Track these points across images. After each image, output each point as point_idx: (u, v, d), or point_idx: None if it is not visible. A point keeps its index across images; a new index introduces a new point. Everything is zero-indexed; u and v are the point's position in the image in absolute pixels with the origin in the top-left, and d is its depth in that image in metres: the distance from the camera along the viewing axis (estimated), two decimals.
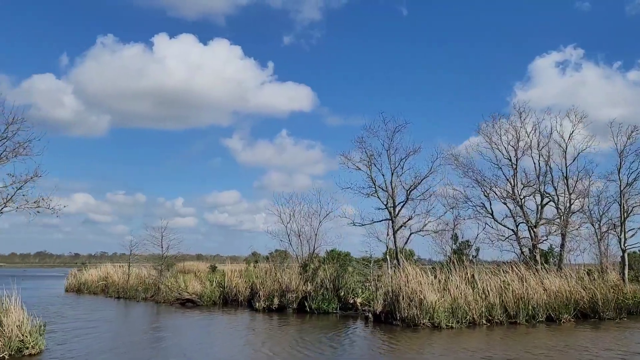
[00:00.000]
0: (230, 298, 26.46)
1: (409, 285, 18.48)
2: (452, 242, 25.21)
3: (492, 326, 17.94)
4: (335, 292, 22.80)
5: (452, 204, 23.55)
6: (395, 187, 21.76)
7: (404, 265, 19.78)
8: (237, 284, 26.59)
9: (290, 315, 21.96)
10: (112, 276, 35.98)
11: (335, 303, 22.40)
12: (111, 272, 36.59)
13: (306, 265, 24.27)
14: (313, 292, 22.86)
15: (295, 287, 23.43)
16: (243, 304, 25.12)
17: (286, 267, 25.54)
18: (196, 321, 20.57)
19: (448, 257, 22.48)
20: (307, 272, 23.98)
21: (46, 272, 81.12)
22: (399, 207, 21.83)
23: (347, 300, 22.63)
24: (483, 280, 19.13)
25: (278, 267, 25.54)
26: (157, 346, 14.47)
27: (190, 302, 25.99)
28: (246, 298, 25.47)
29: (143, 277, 32.29)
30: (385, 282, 20.11)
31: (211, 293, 26.42)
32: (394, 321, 18.28)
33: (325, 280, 23.27)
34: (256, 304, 23.42)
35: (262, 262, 30.79)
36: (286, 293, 23.20)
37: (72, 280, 37.49)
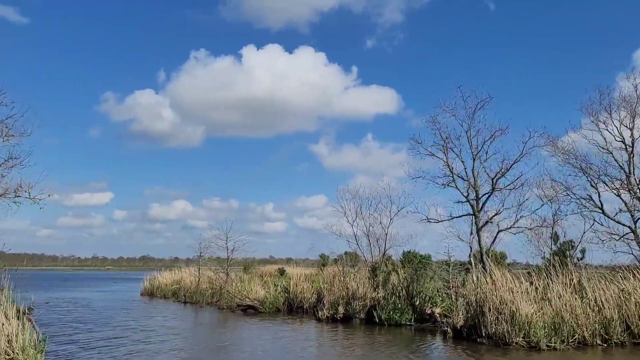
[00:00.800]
0: (295, 305, 24.13)
1: (496, 293, 14.95)
2: (552, 241, 21.02)
3: (610, 348, 13.92)
4: (410, 301, 19.61)
5: (550, 196, 19.44)
6: (478, 176, 18.17)
7: (490, 269, 16.23)
8: (302, 289, 24.21)
9: (357, 327, 19.11)
10: (185, 280, 35.22)
11: (409, 313, 19.22)
12: (184, 276, 35.84)
13: (375, 269, 21.30)
14: (383, 301, 19.85)
15: (363, 294, 20.55)
16: (309, 312, 22.64)
17: (356, 272, 22.75)
18: (255, 332, 18.37)
19: (547, 260, 18.46)
20: (376, 277, 21.01)
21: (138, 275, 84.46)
22: (484, 199, 18.20)
23: (424, 311, 19.35)
24: (595, 289, 15.08)
25: (347, 272, 22.83)
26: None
27: (252, 309, 23.97)
28: (312, 305, 22.98)
29: (213, 281, 30.99)
30: (468, 289, 16.66)
31: (274, 299, 24.23)
32: (479, 338, 14.84)
33: (397, 286, 20.17)
34: (319, 313, 20.82)
35: (330, 266, 28.18)
36: (353, 301, 20.38)
37: (147, 284, 37.23)
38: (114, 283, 59.45)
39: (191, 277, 34.54)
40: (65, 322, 19.11)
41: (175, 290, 34.15)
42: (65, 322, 19.11)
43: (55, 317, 21.09)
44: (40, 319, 20.44)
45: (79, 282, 62.20)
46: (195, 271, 34.03)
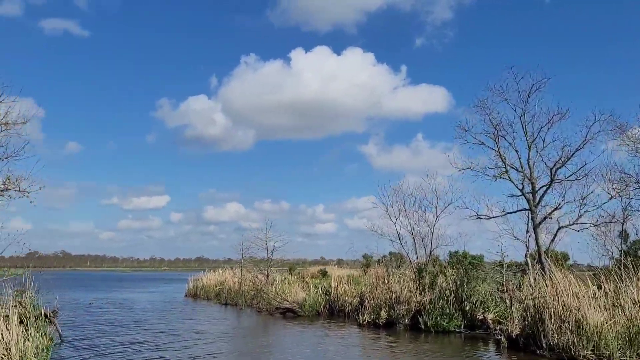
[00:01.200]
0: (336, 308, 22.80)
1: (558, 299, 13.05)
2: (621, 240, 18.71)
3: None
4: (459, 306, 17.85)
5: (619, 189, 17.19)
6: (534, 166, 16.17)
7: (550, 271, 14.30)
8: (344, 292, 22.85)
9: (401, 334, 17.55)
10: (228, 281, 34.67)
11: (459, 319, 17.45)
12: (228, 277, 35.29)
13: (421, 270, 19.64)
14: (429, 305, 18.17)
15: (407, 298, 18.95)
16: (350, 316, 21.23)
17: (401, 273, 21.18)
18: (287, 338, 17.21)
19: (616, 261, 16.24)
20: (422, 280, 19.36)
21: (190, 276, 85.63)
22: (541, 192, 16.19)
23: (474, 316, 17.54)
24: None
25: (392, 273, 21.30)
26: None
27: (291, 312, 22.83)
28: (354, 309, 21.58)
29: (253, 283, 30.16)
30: (525, 293, 14.79)
31: (314, 302, 22.98)
32: (538, 349, 13.01)
33: (445, 289, 18.44)
34: (359, 317, 19.38)
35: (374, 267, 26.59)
36: (396, 305, 18.82)
37: (191, 285, 36.93)
38: (164, 284, 60.19)
39: (234, 278, 33.95)
40: (95, 324, 18.64)
41: (218, 291, 33.62)
42: (95, 324, 18.64)
43: (89, 318, 20.77)
44: (74, 320, 20.19)
45: (132, 282, 63.51)
46: (238, 272, 33.42)
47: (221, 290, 32.67)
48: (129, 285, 54.22)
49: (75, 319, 20.21)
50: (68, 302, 29.13)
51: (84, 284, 56.58)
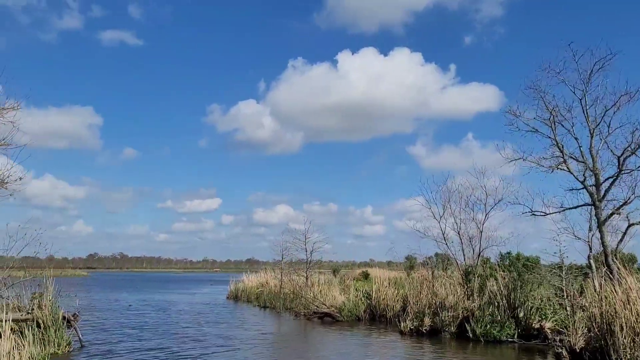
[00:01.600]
0: (377, 313, 21.35)
1: (631, 307, 11.15)
2: None
3: None
4: (512, 312, 16.01)
5: None
6: (598, 155, 14.14)
7: (618, 275, 12.36)
8: (385, 295, 21.36)
9: (447, 343, 15.91)
10: (270, 283, 33.88)
11: (512, 328, 15.62)
12: (269, 279, 34.49)
13: (469, 273, 17.90)
14: (478, 311, 16.43)
15: (453, 303, 17.27)
16: (392, 322, 19.72)
17: (447, 276, 19.52)
18: (318, 346, 15.98)
19: None
20: (470, 283, 17.61)
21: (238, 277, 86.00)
22: (607, 184, 14.15)
23: (530, 325, 15.65)
24: None
25: (437, 276, 19.68)
26: None
27: (329, 317, 21.55)
28: (396, 314, 20.06)
29: (292, 285, 29.14)
30: (589, 301, 12.89)
31: (354, 306, 21.61)
32: None
33: (496, 294, 16.64)
34: (401, 324, 17.84)
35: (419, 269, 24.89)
36: (441, 311, 17.18)
37: (233, 287, 36.33)
38: (210, 285, 60.36)
39: (275, 280, 33.08)
40: (123, 328, 18.04)
41: (258, 294, 32.85)
42: (123, 328, 18.04)
43: (121, 321, 20.28)
44: (104, 323, 19.72)
45: (180, 284, 64.16)
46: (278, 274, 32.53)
47: (261, 293, 31.86)
48: (176, 287, 54.62)
49: (106, 322, 19.77)
50: (108, 304, 29.10)
51: (135, 285, 57.55)
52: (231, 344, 14.57)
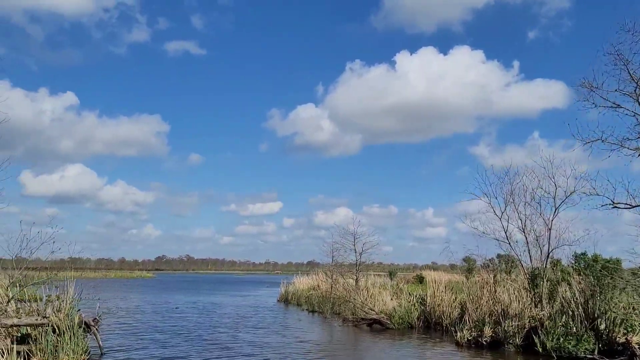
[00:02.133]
0: (432, 321, 19.31)
1: None
2: None
3: None
4: (590, 324, 13.57)
5: None
6: None
7: None
8: (441, 301, 19.28)
9: (511, 357, 13.75)
10: (321, 286, 32.45)
11: (591, 342, 13.19)
12: (321, 282, 33.05)
13: (536, 277, 15.51)
14: (549, 322, 14.08)
15: (519, 311, 15.00)
16: (449, 331, 17.64)
17: (512, 280, 17.20)
18: (371, 358, 14.24)
19: None
20: (537, 288, 15.25)
21: None
22: None
23: (612, 338, 13.15)
24: None
25: (499, 280, 17.42)
26: None
27: (378, 324, 19.71)
28: (453, 322, 17.96)
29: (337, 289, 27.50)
30: None
31: (406, 313, 19.67)
32: None
33: (570, 302, 14.23)
34: (457, 334, 15.74)
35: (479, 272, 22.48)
36: (504, 320, 14.95)
37: (283, 289, 35.13)
38: (266, 287, 59.82)
39: (325, 283, 31.59)
40: (155, 332, 17.08)
41: (308, 297, 31.48)
42: (155, 332, 17.08)
43: (156, 324, 19.41)
44: (138, 326, 18.88)
45: (237, 286, 64.15)
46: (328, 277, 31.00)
47: (311, 296, 30.43)
48: (232, 289, 54.38)
49: (142, 325, 18.96)
50: (156, 306, 28.68)
51: (193, 287, 57.98)
52: (260, 353, 13.14)
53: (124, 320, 20.53)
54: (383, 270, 68.36)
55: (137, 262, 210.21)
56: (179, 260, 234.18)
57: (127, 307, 27.04)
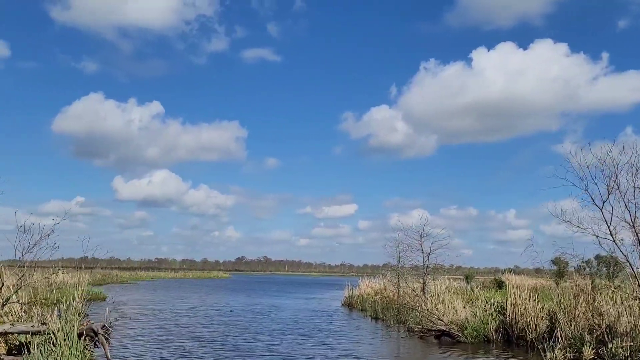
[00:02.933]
0: (514, 334, 16.04)
1: None
2: None
3: None
4: None
5: None
6: None
7: None
8: (524, 310, 15.97)
9: None
10: (388, 290, 29.73)
11: None
12: (388, 285, 30.32)
13: None
14: None
15: (630, 328, 11.57)
16: (534, 347, 14.37)
17: (616, 287, 13.69)
18: None
19: None
20: None
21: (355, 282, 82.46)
22: None
23: None
24: None
25: (600, 287, 13.97)
26: None
27: (448, 336, 16.73)
28: (540, 336, 14.65)
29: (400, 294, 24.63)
30: None
31: (481, 323, 16.54)
32: None
33: None
34: (547, 354, 12.50)
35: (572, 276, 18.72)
36: (610, 338, 11.58)
37: (347, 292, 32.62)
38: (336, 289, 57.62)
39: (392, 286, 28.80)
40: (187, 339, 15.22)
41: (373, 301, 28.87)
42: (187, 339, 15.22)
43: (195, 329, 17.67)
44: (174, 331, 17.21)
45: (306, 287, 62.59)
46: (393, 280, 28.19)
47: (375, 301, 27.76)
48: (299, 291, 52.72)
49: (178, 331, 17.27)
50: (212, 308, 27.30)
51: (262, 288, 57.09)
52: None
53: (165, 324, 19.08)
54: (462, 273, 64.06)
55: (218, 262, 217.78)
56: (257, 261, 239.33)
57: (179, 309, 25.83)
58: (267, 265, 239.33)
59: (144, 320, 20.11)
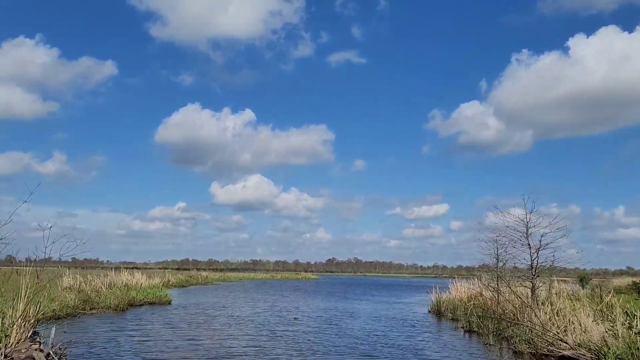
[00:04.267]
0: None
1: None
2: None
3: None
4: None
5: None
6: None
7: None
8: None
9: None
10: (485, 296, 24.62)
11: None
12: (484, 290, 25.18)
13: None
14: None
15: None
16: None
17: None
18: None
19: None
20: None
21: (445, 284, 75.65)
22: None
23: None
24: None
25: None
26: None
27: None
28: None
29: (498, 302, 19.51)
30: None
31: (627, 349, 11.34)
32: None
33: None
34: None
35: None
36: None
37: (435, 297, 27.68)
38: (425, 293, 52.31)
39: (488, 292, 23.68)
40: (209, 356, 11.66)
41: (467, 309, 23.90)
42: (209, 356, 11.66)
43: (229, 343, 14.04)
44: (205, 345, 13.72)
45: (394, 290, 57.77)
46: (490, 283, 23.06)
47: (469, 309, 22.77)
48: (383, 294, 48.18)
49: (208, 345, 13.76)
50: (276, 314, 23.87)
51: (344, 290, 53.32)
52: None
53: (197, 335, 15.74)
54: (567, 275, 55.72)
55: (309, 264, 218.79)
56: (347, 263, 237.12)
57: (238, 315, 22.67)
58: (358, 266, 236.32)
59: (179, 331, 17.00)
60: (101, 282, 27.83)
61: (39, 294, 10.30)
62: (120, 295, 25.53)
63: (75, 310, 20.85)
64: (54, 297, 21.33)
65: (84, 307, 22.22)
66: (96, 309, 22.77)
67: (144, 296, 28.03)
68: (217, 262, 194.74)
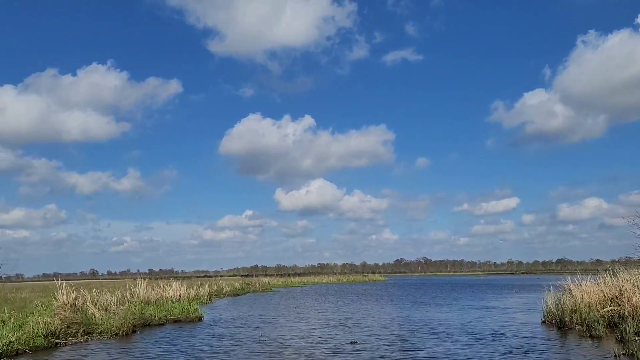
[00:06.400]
0: None
1: None
2: None
3: None
4: None
5: None
6: None
7: None
8: None
9: None
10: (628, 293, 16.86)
11: None
12: (626, 287, 17.27)
13: None
14: None
15: None
16: None
17: None
18: None
19: None
20: None
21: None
22: None
23: None
24: None
25: None
26: None
27: None
28: None
29: None
30: None
31: None
32: None
33: None
34: None
35: None
36: None
37: (552, 301, 19.57)
38: (515, 293, 43.71)
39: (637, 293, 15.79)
40: None
41: (611, 317, 16.18)
42: None
43: None
44: None
45: (472, 291, 49.24)
46: None
47: (616, 317, 14.98)
48: (464, 296, 40.00)
49: None
50: (335, 335, 17.11)
51: (420, 293, 45.68)
52: None
53: None
54: None
55: (377, 265, 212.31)
56: (416, 262, 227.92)
57: (275, 338, 16.07)
58: (427, 266, 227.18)
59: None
60: (111, 298, 22.18)
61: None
62: (132, 313, 19.71)
63: (49, 341, 15.05)
64: (22, 323, 15.76)
65: (71, 332, 16.52)
66: (90, 334, 17.02)
67: (165, 313, 22.19)
68: (285, 267, 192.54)
